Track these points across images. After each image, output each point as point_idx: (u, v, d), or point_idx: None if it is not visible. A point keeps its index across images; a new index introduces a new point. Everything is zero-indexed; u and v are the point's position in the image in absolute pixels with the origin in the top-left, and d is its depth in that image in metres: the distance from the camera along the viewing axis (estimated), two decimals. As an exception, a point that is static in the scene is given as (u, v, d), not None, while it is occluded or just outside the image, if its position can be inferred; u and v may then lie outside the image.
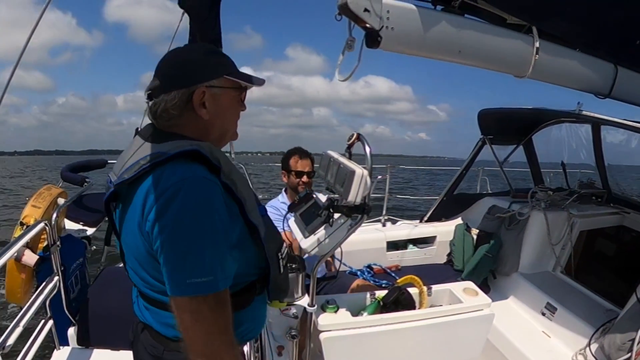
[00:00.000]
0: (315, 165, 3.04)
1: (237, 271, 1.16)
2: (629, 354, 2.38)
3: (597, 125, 3.78)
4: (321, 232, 1.83)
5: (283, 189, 3.29)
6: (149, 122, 1.25)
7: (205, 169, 1.09)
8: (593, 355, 2.61)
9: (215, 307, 1.05)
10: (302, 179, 3.08)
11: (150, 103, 1.18)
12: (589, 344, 2.67)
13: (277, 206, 3.16)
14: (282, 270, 1.36)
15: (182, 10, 3.22)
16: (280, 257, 1.35)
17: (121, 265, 1.33)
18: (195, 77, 1.16)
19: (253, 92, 1.34)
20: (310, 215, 1.95)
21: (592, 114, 3.22)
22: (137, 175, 1.09)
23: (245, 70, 1.28)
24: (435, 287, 2.39)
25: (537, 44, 2.11)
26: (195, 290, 1.01)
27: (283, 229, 2.35)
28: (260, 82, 1.29)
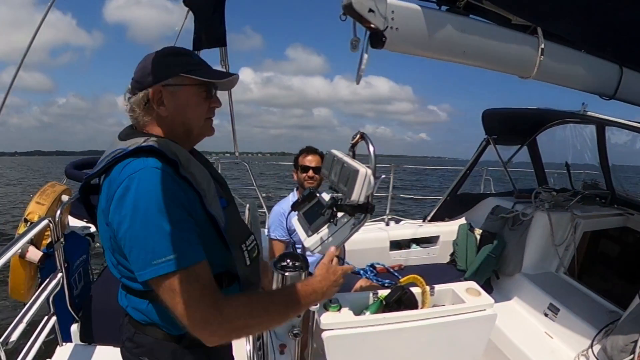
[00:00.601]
0: None
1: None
2: (632, 356, 2.37)
3: (601, 126, 3.76)
4: (324, 231, 1.83)
5: (295, 188, 3.32)
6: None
7: (159, 161, 1.16)
8: (595, 356, 2.60)
9: (187, 281, 1.10)
10: (308, 174, 3.10)
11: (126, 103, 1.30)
12: (591, 346, 2.66)
13: (286, 207, 3.18)
14: (248, 262, 1.38)
15: (186, 9, 3.22)
16: (245, 248, 1.38)
17: None
18: (152, 77, 1.24)
19: (254, 93, 1.39)
20: (313, 214, 1.95)
21: (596, 115, 3.22)
22: (102, 171, 1.20)
23: (245, 70, 1.35)
24: (437, 287, 2.38)
25: (542, 45, 2.10)
26: (161, 270, 1.08)
27: (286, 227, 2.37)
28: (221, 76, 1.33)
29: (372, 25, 1.73)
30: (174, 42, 3.68)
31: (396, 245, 4.19)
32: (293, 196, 3.25)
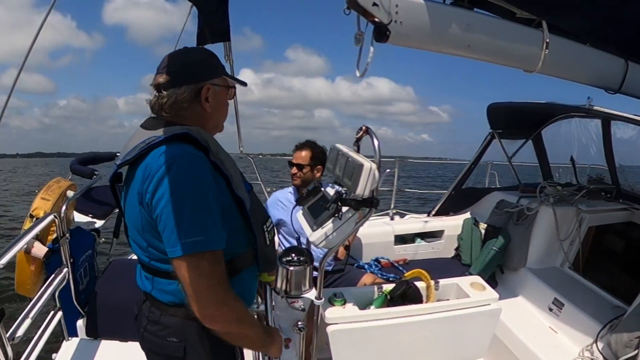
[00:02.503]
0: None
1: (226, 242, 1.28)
2: (636, 351, 2.37)
3: (607, 120, 3.74)
4: (329, 225, 1.83)
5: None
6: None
7: (194, 148, 1.25)
8: (600, 351, 2.60)
9: (214, 263, 1.20)
10: (292, 170, 3.06)
11: (157, 96, 1.34)
12: (595, 341, 2.66)
13: (284, 197, 3.17)
14: (267, 242, 1.49)
15: (190, 4, 3.21)
16: (265, 229, 1.48)
17: (129, 257, 1.44)
18: (203, 75, 1.36)
19: (254, 94, 1.50)
20: (318, 208, 1.95)
21: (602, 109, 3.20)
22: (137, 156, 1.25)
23: (246, 72, 1.50)
24: (442, 282, 2.39)
25: (547, 39, 2.09)
26: (194, 248, 1.16)
27: (291, 221, 2.37)
28: (244, 83, 1.53)
29: (376, 19, 1.72)
30: (177, 38, 3.67)
31: (401, 239, 4.19)
32: (291, 189, 3.22)
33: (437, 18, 1.83)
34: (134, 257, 1.53)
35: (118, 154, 1.44)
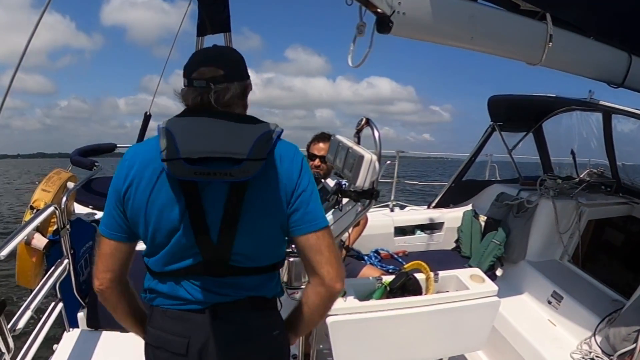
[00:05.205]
0: None
1: None
2: (634, 345, 2.38)
3: (608, 114, 3.73)
4: (329, 216, 1.83)
5: None
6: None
7: None
8: (598, 345, 2.61)
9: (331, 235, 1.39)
10: (314, 162, 3.07)
11: (209, 88, 1.28)
12: (594, 334, 2.67)
13: None
14: None
15: (188, 1, 3.18)
16: None
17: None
18: (247, 73, 1.39)
19: (255, 94, 1.54)
20: (318, 200, 1.95)
21: (603, 103, 3.19)
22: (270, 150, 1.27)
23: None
24: (442, 273, 2.39)
25: (550, 31, 2.08)
26: (327, 222, 1.36)
27: None
28: None
29: (379, 10, 1.71)
30: (176, 33, 3.64)
31: (401, 231, 4.20)
32: None
33: (440, 9, 1.81)
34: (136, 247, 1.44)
35: (120, 146, 1.44)
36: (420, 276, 2.35)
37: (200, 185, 1.24)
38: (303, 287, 1.90)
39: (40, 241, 2.54)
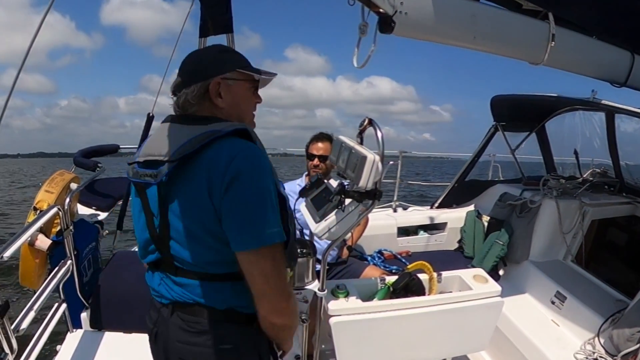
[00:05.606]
0: None
1: None
2: (638, 345, 2.37)
3: (611, 113, 3.72)
4: (332, 217, 1.83)
5: (304, 173, 3.32)
6: (172, 112, 1.40)
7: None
8: (602, 345, 2.60)
9: (282, 254, 1.24)
10: (313, 162, 3.08)
11: (175, 99, 1.35)
12: (597, 334, 2.66)
13: (291, 189, 3.18)
14: (292, 238, 1.46)
15: (190, 2, 3.19)
16: (294, 224, 1.49)
17: (133, 249, 1.42)
18: (210, 70, 1.31)
19: None
20: (321, 200, 1.95)
21: (606, 102, 3.18)
22: (197, 150, 1.19)
23: None
24: (445, 274, 2.38)
25: (553, 31, 2.08)
26: (273, 239, 1.19)
27: (294, 212, 2.37)
28: (270, 74, 1.43)
29: (381, 10, 1.71)
30: (177, 37, 3.64)
31: (404, 231, 4.20)
32: (301, 181, 3.24)
33: (442, 9, 1.81)
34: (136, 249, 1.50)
35: (122, 147, 1.46)
36: (423, 276, 2.34)
37: (146, 186, 1.31)
38: (307, 287, 1.90)
39: (43, 242, 2.55)
